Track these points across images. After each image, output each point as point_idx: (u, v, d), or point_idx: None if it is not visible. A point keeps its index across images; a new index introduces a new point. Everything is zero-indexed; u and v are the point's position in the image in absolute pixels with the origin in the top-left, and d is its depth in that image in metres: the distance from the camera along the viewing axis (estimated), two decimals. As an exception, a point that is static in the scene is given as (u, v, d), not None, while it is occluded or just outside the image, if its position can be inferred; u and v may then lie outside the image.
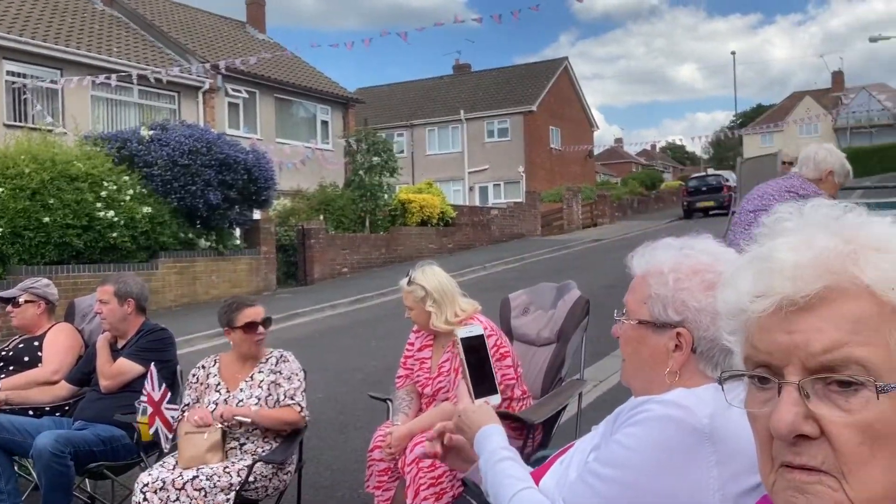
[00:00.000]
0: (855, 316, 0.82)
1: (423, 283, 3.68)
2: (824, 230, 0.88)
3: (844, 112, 52.84)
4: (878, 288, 0.83)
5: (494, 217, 26.18)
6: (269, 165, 15.20)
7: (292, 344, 10.30)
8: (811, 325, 0.83)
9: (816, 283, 0.84)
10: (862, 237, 0.87)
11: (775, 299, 0.86)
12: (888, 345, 0.82)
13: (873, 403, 0.81)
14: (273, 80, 23.88)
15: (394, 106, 42.25)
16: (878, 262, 0.84)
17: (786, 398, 0.84)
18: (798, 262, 0.86)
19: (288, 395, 3.68)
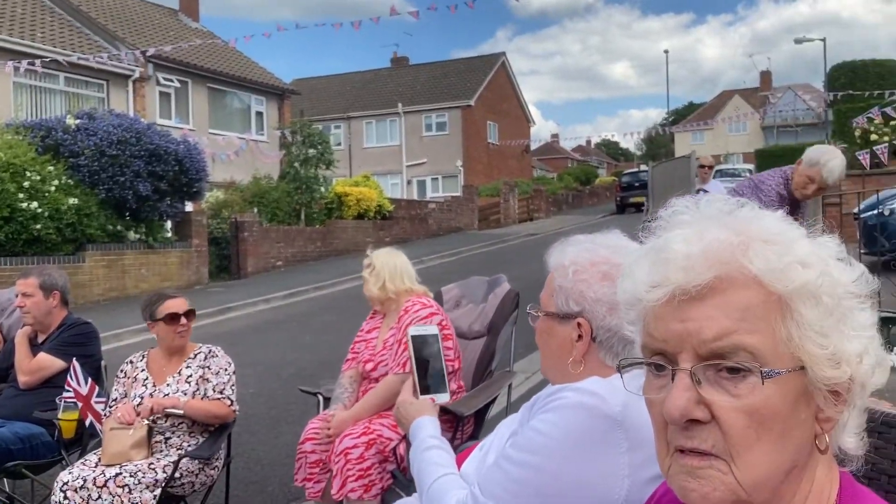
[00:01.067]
0: (743, 305, 0.86)
1: (374, 254, 3.86)
2: (717, 223, 0.92)
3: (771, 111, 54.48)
4: (766, 278, 0.87)
5: (432, 211, 26.22)
6: (200, 156, 14.91)
7: (224, 338, 10.16)
8: (703, 313, 0.87)
9: (707, 274, 0.87)
10: (752, 230, 0.91)
11: (669, 289, 0.89)
12: (774, 332, 0.86)
13: (759, 389, 0.85)
14: (206, 70, 23.40)
15: (331, 98, 41.88)
16: (766, 253, 0.88)
17: (679, 384, 0.87)
18: (690, 252, 0.89)
19: (217, 390, 3.64)
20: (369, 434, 3.37)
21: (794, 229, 0.93)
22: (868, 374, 0.89)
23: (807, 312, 0.86)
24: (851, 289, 0.90)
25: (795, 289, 0.86)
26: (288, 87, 27.78)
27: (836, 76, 30.85)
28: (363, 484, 3.28)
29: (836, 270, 0.90)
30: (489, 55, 44.68)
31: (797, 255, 0.88)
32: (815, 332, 0.86)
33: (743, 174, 30.01)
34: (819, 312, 0.86)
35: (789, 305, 0.86)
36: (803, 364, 0.86)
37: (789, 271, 0.86)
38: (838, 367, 0.86)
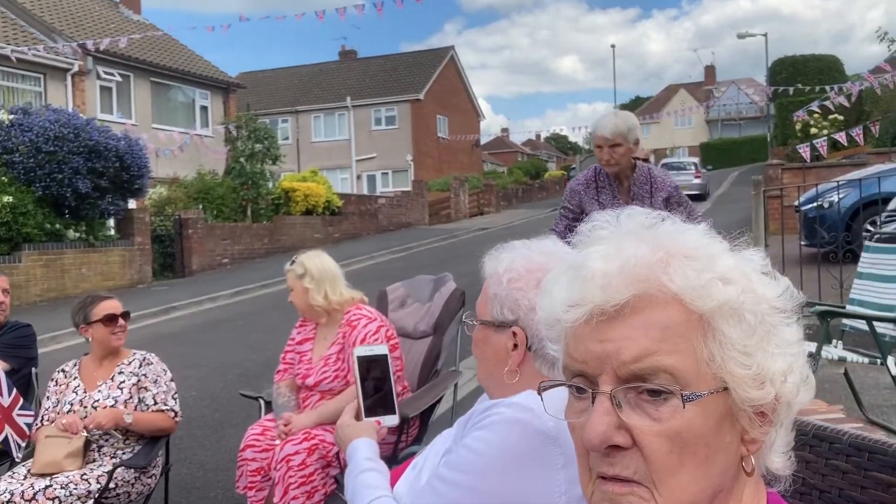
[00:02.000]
0: (663, 324, 0.82)
1: (304, 261, 3.68)
2: (636, 239, 0.88)
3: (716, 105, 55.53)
4: (686, 296, 0.83)
5: (382, 206, 26.08)
6: (142, 152, 14.57)
7: (168, 339, 9.95)
8: (621, 333, 0.83)
9: (625, 292, 0.83)
10: (673, 245, 0.87)
11: (587, 308, 0.85)
12: (696, 353, 0.82)
13: (680, 412, 0.81)
14: (149, 63, 22.90)
15: (278, 91, 41.36)
16: (686, 270, 0.84)
17: (598, 408, 0.83)
18: (608, 270, 0.85)
19: (160, 401, 3.52)
20: (311, 440, 3.29)
21: (716, 244, 0.89)
22: (793, 392, 0.86)
23: (729, 331, 0.83)
24: (776, 304, 0.87)
25: (716, 307, 0.83)
26: (233, 80, 27.34)
27: (777, 71, 31.55)
28: (305, 491, 3.21)
29: (760, 286, 0.87)
30: (438, 49, 44.59)
31: (719, 270, 0.85)
32: (738, 352, 0.82)
33: (688, 167, 30.54)
34: (742, 331, 0.83)
35: (711, 324, 0.83)
36: (726, 385, 0.82)
37: (710, 288, 0.83)
38: (762, 388, 0.83)
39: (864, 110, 19.06)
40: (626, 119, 4.03)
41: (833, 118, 17.68)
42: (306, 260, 3.68)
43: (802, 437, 1.06)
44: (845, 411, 5.12)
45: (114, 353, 3.62)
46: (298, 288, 3.64)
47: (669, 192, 4.13)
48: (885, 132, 16.10)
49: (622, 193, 4.12)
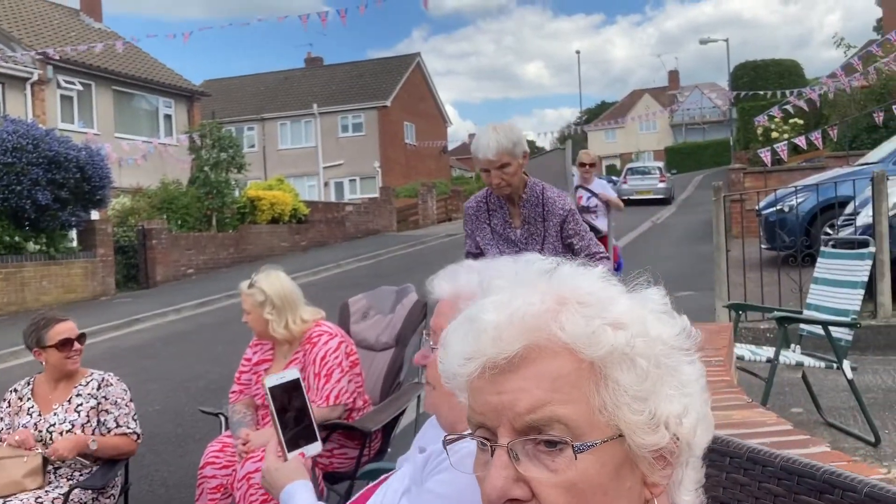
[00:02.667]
0: (555, 374, 0.81)
1: (264, 286, 3.53)
2: (530, 287, 0.88)
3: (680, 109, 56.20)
4: (576, 344, 0.82)
5: (349, 213, 25.98)
6: (103, 163, 14.38)
7: (131, 352, 9.81)
8: (516, 385, 0.82)
9: (517, 344, 0.83)
10: (567, 292, 0.86)
11: (481, 361, 0.84)
12: (588, 401, 0.81)
13: (574, 463, 0.80)
14: (110, 72, 22.61)
15: (243, 99, 41.07)
16: (577, 317, 0.83)
17: (496, 462, 0.83)
18: (500, 322, 0.84)
19: (123, 424, 3.44)
20: None
21: (611, 287, 0.89)
22: (691, 433, 0.85)
23: (622, 377, 0.82)
24: (674, 344, 0.86)
25: (606, 354, 0.82)
26: (198, 88, 27.09)
27: (739, 75, 32.01)
28: (266, 509, 3.17)
29: (656, 327, 0.86)
30: (404, 55, 44.62)
31: (610, 316, 0.84)
32: (631, 398, 0.82)
33: (653, 171, 30.85)
34: (635, 376, 0.82)
35: (602, 372, 0.82)
36: (621, 432, 0.82)
37: (599, 335, 0.82)
38: (657, 432, 0.82)
39: (823, 114, 19.41)
40: (509, 133, 3.50)
41: (793, 122, 18.00)
42: (266, 285, 3.53)
43: (736, 459, 1.07)
44: (804, 414, 5.21)
45: (70, 374, 3.53)
46: (257, 314, 3.52)
47: (563, 216, 3.63)
48: (842, 136, 16.41)
49: (515, 217, 3.69)
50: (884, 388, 5.71)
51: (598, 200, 7.70)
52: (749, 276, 8.41)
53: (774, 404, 5.39)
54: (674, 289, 4.09)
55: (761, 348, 4.96)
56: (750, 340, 6.58)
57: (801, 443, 1.81)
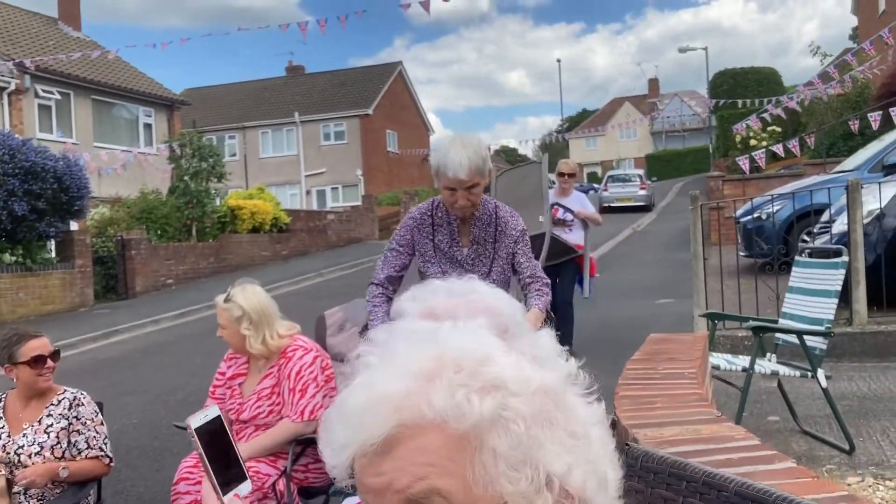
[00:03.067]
0: (429, 448, 0.78)
1: (241, 301, 3.49)
2: (400, 361, 0.84)
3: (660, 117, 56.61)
4: (445, 416, 0.79)
5: (331, 222, 25.91)
6: (81, 173, 14.28)
7: (108, 364, 9.72)
8: (392, 465, 0.79)
9: (384, 427, 0.79)
10: (442, 359, 0.82)
11: (353, 449, 0.81)
12: (464, 475, 0.78)
13: None
14: (90, 81, 22.46)
15: (224, 108, 40.95)
16: (443, 391, 0.79)
17: None
18: (365, 407, 0.81)
19: (94, 446, 3.37)
20: None
21: (487, 345, 0.84)
22: (581, 489, 0.81)
23: (498, 444, 0.78)
24: (560, 391, 0.83)
25: (473, 424, 0.78)
26: (178, 97, 26.97)
27: (718, 83, 32.30)
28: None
29: (538, 378, 0.82)
30: (386, 64, 44.70)
31: (482, 380, 0.80)
32: (507, 466, 0.78)
33: (634, 179, 31.03)
34: (510, 442, 0.78)
35: (477, 441, 0.78)
36: (505, 500, 0.78)
37: (463, 407, 0.78)
38: (539, 495, 0.78)
39: (801, 122, 19.62)
40: (478, 149, 3.23)
41: (771, 130, 18.17)
42: (243, 300, 3.48)
43: (693, 483, 1.07)
44: (780, 422, 5.24)
45: (41, 392, 3.47)
46: (234, 329, 3.48)
47: (516, 238, 3.43)
48: (819, 144, 16.58)
49: (463, 235, 3.46)
50: (859, 395, 5.75)
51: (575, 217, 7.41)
52: (727, 283, 8.46)
53: (752, 413, 5.42)
54: (654, 296, 4.13)
55: (737, 357, 4.99)
56: (728, 349, 6.61)
57: (767, 458, 1.82)
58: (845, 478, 4.09)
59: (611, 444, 0.86)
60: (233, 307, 3.48)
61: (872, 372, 6.40)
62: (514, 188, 6.83)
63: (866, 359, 6.77)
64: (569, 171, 7.63)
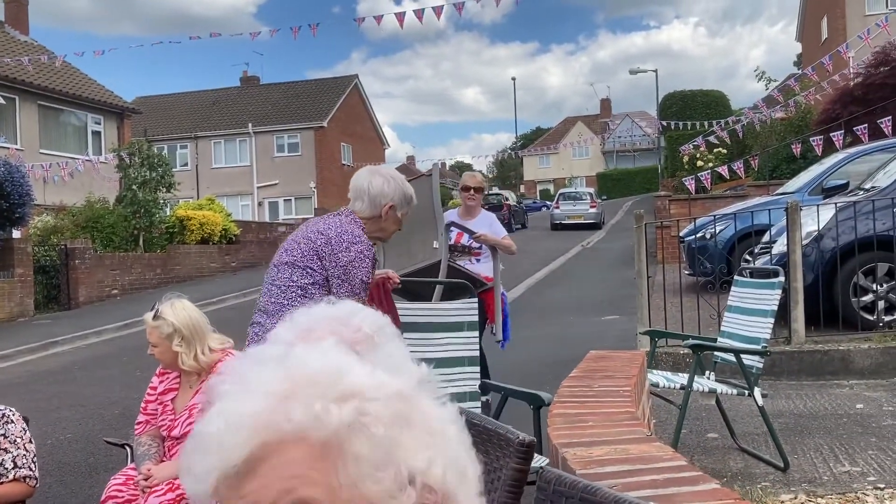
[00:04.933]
0: (293, 461, 0.79)
1: (171, 318, 3.37)
2: (256, 385, 0.84)
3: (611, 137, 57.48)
4: (304, 431, 0.80)
5: (282, 234, 25.63)
6: (24, 180, 13.93)
7: (45, 377, 9.45)
8: (257, 484, 0.80)
9: (244, 449, 0.80)
10: (297, 377, 0.84)
11: (214, 476, 0.81)
12: (330, 481, 0.79)
13: None
14: (36, 87, 21.98)
15: (177, 117, 40.43)
16: (301, 404, 0.81)
17: None
18: (224, 431, 0.81)
19: (22, 465, 3.23)
20: (175, 490, 3.16)
21: (342, 358, 0.87)
22: (441, 481, 0.81)
23: (360, 449, 0.79)
24: (414, 395, 0.84)
25: (333, 432, 0.79)
26: (129, 105, 26.55)
27: (668, 105, 32.94)
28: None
29: (392, 384, 0.84)
30: (342, 77, 44.64)
31: (338, 389, 0.81)
32: (372, 468, 0.79)
33: (584, 196, 31.41)
34: (371, 445, 0.79)
35: (339, 448, 0.79)
36: (371, 500, 0.79)
37: (322, 417, 0.79)
38: (403, 492, 0.79)
39: (746, 145, 20.09)
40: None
41: (717, 151, 18.56)
42: (173, 315, 3.37)
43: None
44: (719, 439, 5.33)
45: None
46: (165, 346, 3.39)
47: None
48: (763, 165, 16.99)
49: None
50: (795, 412, 5.87)
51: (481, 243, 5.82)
52: (671, 301, 8.60)
53: (691, 430, 5.50)
54: (601, 313, 4.16)
55: (676, 375, 5.05)
56: (670, 366, 6.70)
57: (691, 480, 1.84)
58: (779, 495, 4.16)
59: (468, 441, 0.87)
60: (162, 324, 3.37)
61: (809, 390, 6.54)
62: None
63: (804, 377, 6.92)
64: (475, 185, 6.10)
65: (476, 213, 6.00)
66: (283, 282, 3.28)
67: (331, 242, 3.23)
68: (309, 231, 3.34)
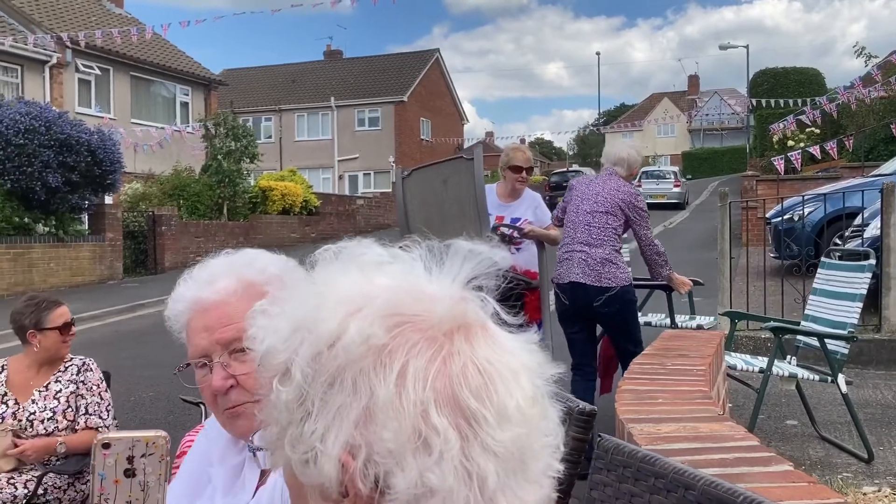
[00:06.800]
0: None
1: None
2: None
3: (698, 115, 55.87)
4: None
5: (360, 207, 25.98)
6: (115, 147, 14.42)
7: (131, 337, 9.83)
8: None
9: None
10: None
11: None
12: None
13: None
14: (129, 58, 22.68)
15: (262, 90, 41.17)
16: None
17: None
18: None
19: (94, 412, 3.35)
20: None
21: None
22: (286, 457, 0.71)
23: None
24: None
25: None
26: (216, 77, 27.15)
27: (758, 82, 31.72)
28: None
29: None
30: (423, 51, 44.62)
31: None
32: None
33: (668, 176, 30.66)
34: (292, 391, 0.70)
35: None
36: None
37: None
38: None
39: (841, 124, 19.20)
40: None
41: (810, 131, 17.81)
42: None
43: (661, 479, 1.01)
44: (798, 427, 5.13)
45: (56, 359, 3.44)
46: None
47: None
48: (858, 147, 16.22)
49: None
50: (883, 403, 5.61)
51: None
52: (754, 284, 8.31)
53: (769, 415, 5.32)
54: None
55: (756, 358, 4.88)
56: (750, 349, 6.49)
57: (763, 460, 1.75)
58: (861, 486, 3.98)
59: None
60: None
61: (898, 381, 6.24)
62: (433, 197, 4.87)
63: (894, 367, 6.60)
64: (528, 166, 5.10)
65: (521, 194, 5.12)
66: (601, 223, 4.51)
67: (627, 194, 4.61)
68: (605, 190, 4.62)
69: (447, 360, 0.67)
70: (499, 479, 0.65)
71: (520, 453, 0.67)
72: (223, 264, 1.41)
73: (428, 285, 0.72)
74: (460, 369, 0.66)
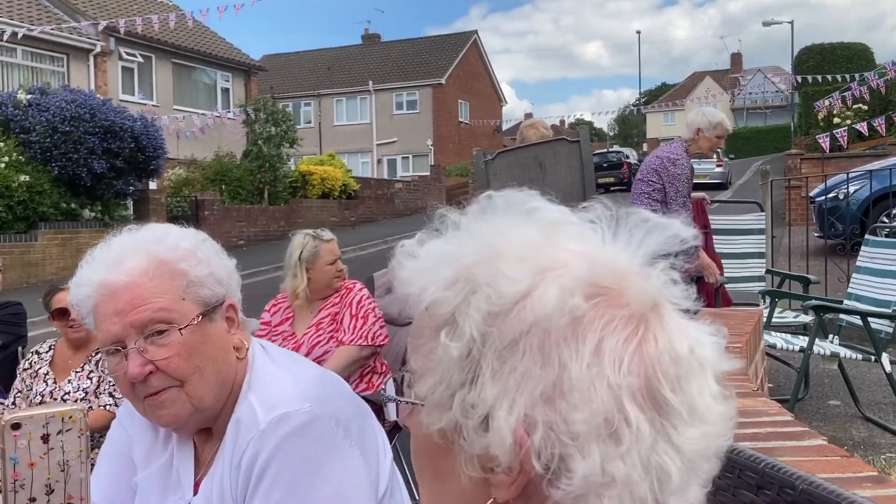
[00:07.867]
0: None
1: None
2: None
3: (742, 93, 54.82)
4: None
5: (398, 190, 26.06)
6: (158, 133, 14.66)
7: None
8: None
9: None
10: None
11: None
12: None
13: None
14: (170, 45, 22.97)
15: (301, 75, 41.42)
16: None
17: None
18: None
19: (104, 391, 3.40)
20: None
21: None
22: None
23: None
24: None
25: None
26: (256, 63, 27.37)
27: (804, 59, 30.94)
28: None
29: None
30: (461, 33, 44.41)
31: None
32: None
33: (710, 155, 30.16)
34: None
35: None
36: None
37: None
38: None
39: (890, 100, 18.69)
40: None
41: (857, 108, 17.39)
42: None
43: (752, 475, 0.98)
44: (841, 407, 5.05)
45: (84, 342, 3.51)
46: (338, 265, 3.77)
47: None
48: (909, 123, 15.78)
49: None
50: (929, 384, 5.49)
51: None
52: (798, 264, 8.18)
53: (811, 395, 5.25)
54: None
55: (796, 337, 4.81)
56: (791, 329, 6.40)
57: (796, 435, 1.74)
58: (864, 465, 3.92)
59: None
60: (335, 245, 3.81)
61: (946, 361, 6.10)
62: (528, 183, 4.66)
63: (940, 347, 6.45)
64: (543, 141, 5.05)
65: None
66: (638, 193, 4.72)
67: (663, 161, 4.71)
68: (652, 156, 4.88)
69: (643, 343, 0.62)
70: (680, 477, 0.62)
71: (702, 452, 0.64)
72: (130, 242, 1.32)
73: (618, 256, 0.67)
74: (657, 356, 0.62)
